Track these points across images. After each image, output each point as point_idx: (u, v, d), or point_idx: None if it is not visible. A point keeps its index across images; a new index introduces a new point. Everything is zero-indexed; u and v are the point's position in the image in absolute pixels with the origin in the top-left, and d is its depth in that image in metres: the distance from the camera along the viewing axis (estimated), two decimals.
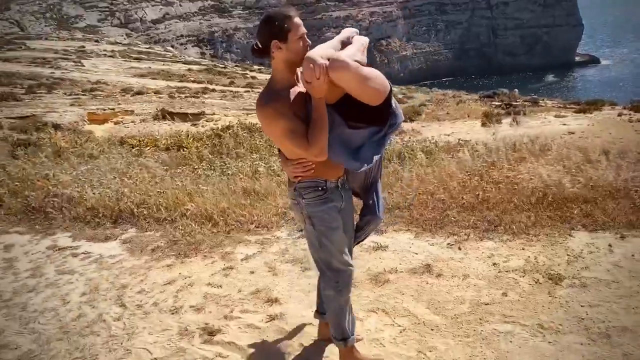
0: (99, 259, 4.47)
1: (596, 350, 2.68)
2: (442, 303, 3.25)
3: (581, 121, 14.33)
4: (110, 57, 53.64)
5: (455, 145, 7.96)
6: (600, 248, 3.67)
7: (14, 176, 6.68)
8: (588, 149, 6.06)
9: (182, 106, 21.08)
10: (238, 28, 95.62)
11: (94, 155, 8.60)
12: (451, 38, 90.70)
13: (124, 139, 11.46)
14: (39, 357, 3.18)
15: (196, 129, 14.40)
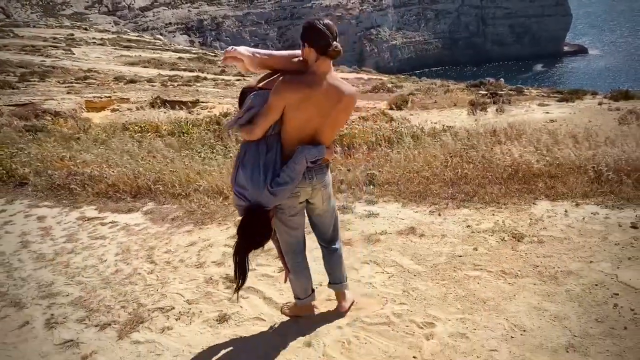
0: (126, 227, 5.10)
1: (545, 288, 3.36)
2: (424, 256, 3.92)
3: (563, 109, 15.02)
4: (100, 45, 53.58)
5: (440, 131, 8.61)
6: (557, 213, 4.36)
7: (33, 157, 7.26)
8: (557, 133, 6.74)
9: (176, 94, 21.54)
10: (227, 16, 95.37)
11: (103, 140, 9.17)
12: (441, 27, 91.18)
13: (126, 125, 11.99)
14: (88, 301, 3.81)
15: (193, 116, 14.93)
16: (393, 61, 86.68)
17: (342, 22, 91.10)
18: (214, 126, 10.72)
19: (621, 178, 4.69)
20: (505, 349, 2.86)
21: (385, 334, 3.10)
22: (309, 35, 2.69)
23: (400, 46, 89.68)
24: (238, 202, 2.83)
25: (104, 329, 3.46)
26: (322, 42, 2.67)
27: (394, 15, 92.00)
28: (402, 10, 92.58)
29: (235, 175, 2.82)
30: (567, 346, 2.82)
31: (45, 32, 57.46)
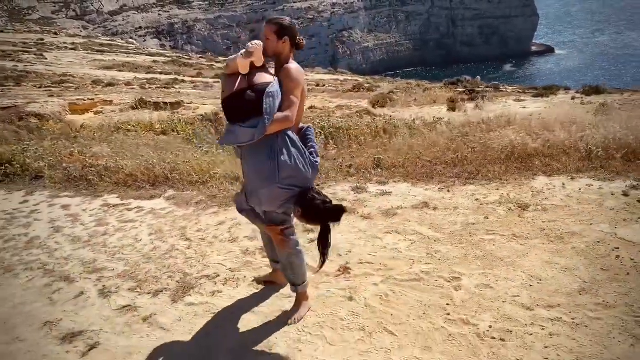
0: (152, 211, 5.39)
1: (553, 247, 3.80)
2: (440, 225, 4.33)
3: (539, 104, 15.70)
4: (73, 50, 52.96)
5: (432, 122, 9.07)
6: (556, 186, 4.82)
7: (44, 153, 7.47)
8: (545, 120, 7.23)
9: (158, 96, 21.65)
10: (198, 19, 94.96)
11: (102, 138, 9.38)
12: (412, 29, 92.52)
13: (118, 125, 12.17)
14: (134, 274, 4.11)
15: (179, 116, 15.14)
16: (365, 63, 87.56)
17: (314, 24, 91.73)
18: (208, 123, 11.05)
19: (610, 155, 5.18)
20: (526, 294, 3.28)
21: (417, 287, 3.49)
22: (290, 31, 3.06)
23: (373, 48, 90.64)
24: (288, 194, 3.00)
25: (156, 295, 3.77)
26: (297, 36, 3.09)
27: (366, 18, 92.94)
28: (374, 12, 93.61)
29: (276, 172, 2.94)
30: (579, 290, 3.26)
31: (14, 38, 56.50)
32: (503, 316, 3.10)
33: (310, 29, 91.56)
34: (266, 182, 2.96)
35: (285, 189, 2.97)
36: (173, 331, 3.34)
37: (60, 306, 3.78)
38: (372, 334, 3.09)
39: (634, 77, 58.55)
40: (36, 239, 4.98)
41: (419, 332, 3.06)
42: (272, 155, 2.94)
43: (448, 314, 3.18)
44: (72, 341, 3.34)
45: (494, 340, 2.91)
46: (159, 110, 18.55)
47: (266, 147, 2.95)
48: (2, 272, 4.39)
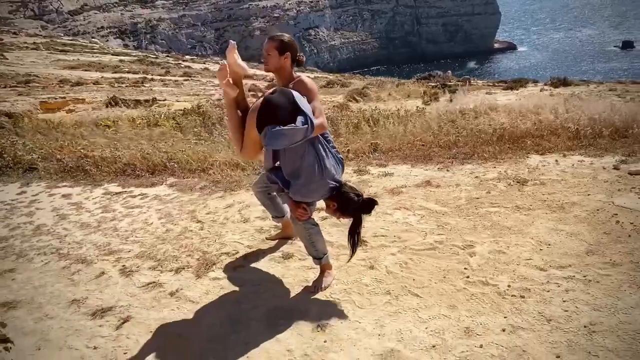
0: (157, 197, 5.45)
1: (556, 216, 4.04)
2: (445, 200, 4.53)
3: (510, 96, 16.13)
4: (34, 50, 51.72)
5: (416, 112, 9.30)
6: (550, 163, 5.09)
7: (33, 146, 7.41)
8: (526, 107, 7.54)
9: (131, 94, 21.44)
10: (162, 19, 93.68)
11: (83, 133, 9.30)
12: (377, 27, 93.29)
13: (97, 121, 12.05)
14: (152, 254, 4.19)
15: (161, 112, 15.05)
16: (332, 61, 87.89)
17: (280, 23, 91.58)
18: (194, 116, 11.05)
19: (597, 133, 5.48)
20: (537, 257, 3.50)
21: (434, 255, 3.67)
22: (291, 47, 3.24)
23: (339, 46, 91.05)
24: (329, 191, 3.21)
25: (178, 272, 3.86)
26: (298, 52, 3.29)
27: (332, 16, 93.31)
28: (339, 11, 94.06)
29: (322, 172, 3.15)
30: (587, 252, 3.49)
31: None
32: (519, 277, 3.30)
33: (276, 28, 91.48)
34: (317, 178, 3.16)
35: (330, 184, 3.20)
36: (202, 303, 3.44)
37: (83, 286, 3.83)
38: (398, 297, 3.26)
39: (597, 71, 60.42)
40: (43, 226, 4.99)
41: (442, 293, 3.23)
42: (317, 155, 3.17)
43: (467, 276, 3.37)
44: (102, 316, 3.41)
45: (514, 297, 3.11)
46: (134, 107, 18.39)
47: (308, 147, 3.16)
48: (15, 257, 4.40)
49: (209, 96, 19.25)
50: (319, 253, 3.47)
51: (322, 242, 3.47)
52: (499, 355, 2.66)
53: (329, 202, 3.28)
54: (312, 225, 3.41)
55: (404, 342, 2.84)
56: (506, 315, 2.96)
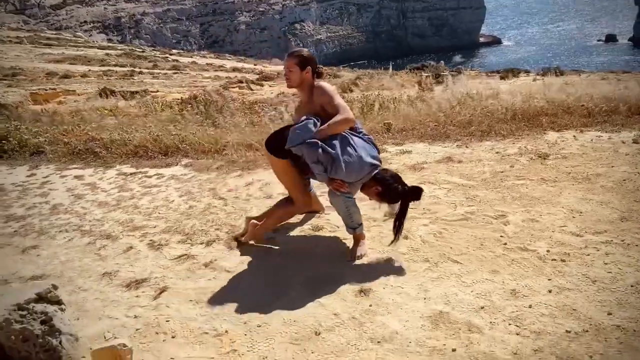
0: (174, 176, 5.39)
1: (583, 186, 4.06)
2: (470, 175, 4.54)
3: (504, 86, 16.24)
4: (18, 44, 50.96)
5: (417, 97, 9.32)
6: (568, 138, 5.12)
7: (39, 130, 7.30)
8: (531, 89, 7.59)
9: (122, 85, 21.23)
10: (146, 13, 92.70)
11: (88, 119, 9.19)
12: (363, 21, 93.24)
13: (95, 109, 11.90)
14: (178, 228, 4.15)
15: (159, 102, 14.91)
16: (319, 55, 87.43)
17: (266, 17, 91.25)
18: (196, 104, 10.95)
19: (612, 109, 5.52)
20: (571, 225, 3.52)
21: (467, 225, 3.68)
22: (311, 61, 3.51)
23: (325, 40, 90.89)
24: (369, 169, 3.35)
25: (209, 245, 3.83)
26: (317, 65, 3.54)
27: (317, 10, 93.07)
28: (325, 4, 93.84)
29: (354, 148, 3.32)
30: (620, 218, 3.52)
31: None
32: (557, 242, 3.32)
33: (262, 22, 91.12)
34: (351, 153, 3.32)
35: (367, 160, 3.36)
36: (239, 272, 3.42)
37: (112, 260, 3.78)
38: (437, 263, 3.26)
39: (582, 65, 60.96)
40: (60, 206, 4.93)
41: (482, 259, 3.24)
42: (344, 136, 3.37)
43: (505, 243, 3.38)
44: (138, 287, 3.37)
45: (555, 261, 3.13)
46: (126, 99, 18.22)
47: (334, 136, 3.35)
48: (36, 235, 4.34)
49: (202, 87, 19.10)
50: (354, 223, 3.47)
51: (358, 213, 3.47)
52: (549, 314, 2.67)
53: (372, 184, 3.37)
54: (350, 197, 3.40)
55: (452, 305, 2.84)
56: (550, 278, 2.97)
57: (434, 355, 2.49)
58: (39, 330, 2.20)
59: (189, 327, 2.91)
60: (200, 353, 2.69)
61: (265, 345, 2.70)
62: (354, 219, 3.46)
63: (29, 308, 2.24)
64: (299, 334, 2.75)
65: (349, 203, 3.40)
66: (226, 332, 2.83)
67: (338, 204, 3.43)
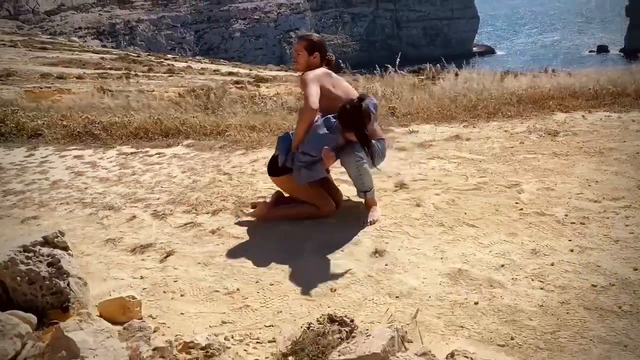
0: (176, 155, 5.29)
1: (596, 159, 3.99)
2: (480, 150, 4.47)
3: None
4: (12, 47, 50.72)
5: (420, 86, 9.26)
6: (577, 118, 5.07)
7: (37, 115, 7.18)
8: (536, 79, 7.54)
9: (118, 85, 21.10)
10: (141, 20, 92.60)
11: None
12: (357, 30, 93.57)
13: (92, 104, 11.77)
14: (184, 200, 4.04)
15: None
16: None
17: (261, 25, 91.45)
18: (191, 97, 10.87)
19: (620, 91, 5.48)
20: (588, 192, 3.44)
21: (481, 194, 3.60)
22: (320, 46, 3.53)
23: None
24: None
25: (215, 214, 3.72)
26: (327, 52, 3.58)
27: (312, 19, 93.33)
28: (320, 13, 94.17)
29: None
30: (637, 186, 3.45)
31: None
32: (574, 208, 3.24)
33: (256, 29, 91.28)
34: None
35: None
36: (248, 238, 3.32)
37: (115, 228, 3.68)
38: (452, 227, 3.17)
39: None
40: (60, 181, 4.81)
41: (498, 223, 3.16)
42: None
43: (521, 209, 3.30)
44: (143, 252, 3.27)
45: (574, 224, 3.05)
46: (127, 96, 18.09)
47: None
48: (36, 207, 4.22)
49: (198, 87, 19.01)
50: (365, 186, 3.39)
51: (369, 176, 3.39)
52: (573, 270, 2.59)
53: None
54: (361, 158, 3.31)
55: (471, 263, 2.75)
56: (570, 239, 2.89)
57: (455, 308, 2.40)
58: (46, 272, 2.09)
59: (198, 286, 2.80)
60: (212, 309, 2.58)
61: (279, 301, 2.60)
62: (365, 182, 3.37)
63: (35, 250, 2.14)
64: (314, 291, 2.65)
65: (358, 164, 3.31)
66: (237, 290, 2.73)
67: (350, 165, 3.34)
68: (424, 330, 2.24)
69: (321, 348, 1.72)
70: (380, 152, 3.49)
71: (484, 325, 2.25)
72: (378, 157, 3.41)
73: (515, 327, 2.21)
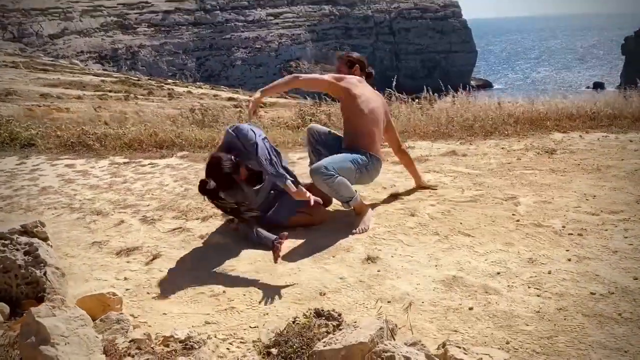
0: (169, 166, 5.22)
1: (594, 176, 3.94)
2: (476, 165, 4.41)
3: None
4: (13, 68, 51.02)
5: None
6: (574, 137, 5.03)
7: (31, 125, 7.12)
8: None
9: (117, 106, 21.16)
10: (143, 45, 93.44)
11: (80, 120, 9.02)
12: None
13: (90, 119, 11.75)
14: (174, 207, 3.95)
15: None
16: (313, 92, 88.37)
17: (262, 54, 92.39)
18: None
19: (617, 114, 5.46)
20: (586, 206, 3.38)
21: (477, 206, 3.53)
22: (359, 61, 3.79)
23: None
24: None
25: (206, 220, 3.64)
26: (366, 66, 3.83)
27: (312, 49, 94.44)
28: (320, 44, 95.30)
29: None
30: (636, 201, 3.39)
31: None
32: (572, 220, 3.17)
33: (257, 58, 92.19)
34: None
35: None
36: (239, 244, 3.22)
37: (102, 232, 3.58)
38: (447, 236, 3.09)
39: None
40: (49, 188, 4.73)
41: (495, 233, 3.08)
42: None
43: (517, 220, 3.23)
44: (129, 254, 3.17)
45: (572, 235, 2.97)
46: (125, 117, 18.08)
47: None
48: (23, 211, 4.12)
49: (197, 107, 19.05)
50: (345, 197, 3.34)
51: (346, 186, 3.31)
52: (571, 279, 2.51)
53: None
54: (328, 176, 3.22)
55: (466, 271, 2.67)
56: (568, 249, 2.82)
57: (449, 313, 2.31)
58: (22, 260, 2.01)
59: (183, 288, 2.71)
60: (196, 310, 2.48)
61: (266, 304, 2.50)
62: (343, 193, 3.32)
63: (12, 238, 2.05)
64: (303, 295, 2.56)
65: (328, 182, 3.23)
66: (224, 292, 2.63)
67: (319, 184, 3.27)
68: (415, 333, 2.14)
69: (306, 340, 1.62)
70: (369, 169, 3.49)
71: (478, 330, 2.16)
72: (368, 173, 3.49)
73: (510, 332, 2.12)
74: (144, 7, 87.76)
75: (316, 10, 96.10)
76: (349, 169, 3.33)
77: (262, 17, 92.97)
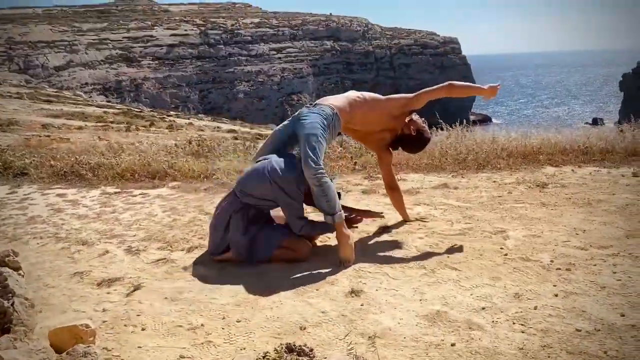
0: (159, 196, 5.19)
1: (584, 210, 3.90)
2: (467, 199, 4.38)
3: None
4: (17, 99, 51.53)
5: None
6: (567, 172, 5.01)
7: (25, 153, 7.12)
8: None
9: (117, 137, 21.24)
10: (147, 78, 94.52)
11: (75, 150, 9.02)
12: None
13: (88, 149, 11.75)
14: (160, 237, 3.91)
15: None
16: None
17: (264, 87, 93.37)
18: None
19: (610, 148, 5.45)
20: (575, 240, 3.33)
21: (466, 239, 3.48)
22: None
23: None
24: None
25: (191, 251, 3.59)
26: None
27: (314, 83, 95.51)
28: (322, 78, 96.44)
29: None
30: (626, 235, 3.34)
31: None
32: (560, 255, 3.13)
33: (259, 91, 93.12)
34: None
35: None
36: (221, 275, 3.17)
37: (85, 262, 3.53)
38: (434, 270, 3.04)
39: None
40: (37, 217, 4.69)
41: (482, 267, 3.03)
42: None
43: (505, 254, 3.18)
44: (110, 285, 3.12)
45: (560, 270, 2.92)
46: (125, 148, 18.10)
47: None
48: (8, 240, 4.08)
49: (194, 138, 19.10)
50: (331, 208, 3.24)
51: (335, 196, 3.27)
52: (557, 315, 2.45)
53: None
54: (321, 174, 3.22)
55: (450, 305, 2.61)
56: (555, 284, 2.76)
57: (431, 349, 2.24)
58: None
59: (162, 321, 2.64)
60: (172, 343, 2.42)
61: (244, 338, 2.44)
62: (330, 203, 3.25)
63: None
64: (282, 329, 2.50)
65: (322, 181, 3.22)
66: (202, 325, 2.57)
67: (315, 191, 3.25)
68: None
69: None
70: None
71: None
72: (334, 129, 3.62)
73: None
74: (148, 41, 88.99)
75: (318, 45, 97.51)
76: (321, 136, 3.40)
77: (265, 52, 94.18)
